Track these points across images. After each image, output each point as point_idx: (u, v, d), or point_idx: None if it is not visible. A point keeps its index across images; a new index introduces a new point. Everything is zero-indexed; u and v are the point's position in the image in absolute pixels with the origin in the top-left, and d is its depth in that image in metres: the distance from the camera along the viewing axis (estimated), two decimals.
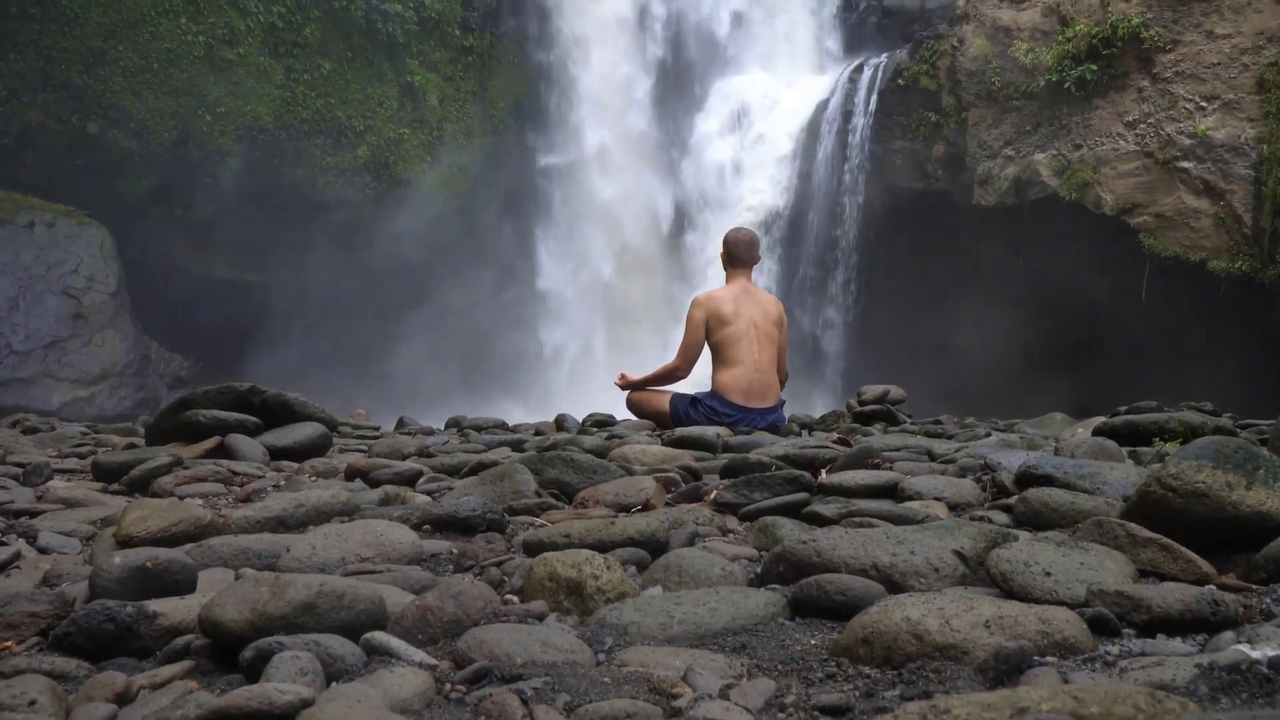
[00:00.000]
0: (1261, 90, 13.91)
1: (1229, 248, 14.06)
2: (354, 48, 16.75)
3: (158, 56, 15.44)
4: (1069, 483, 2.89)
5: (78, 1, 14.83)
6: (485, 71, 18.12)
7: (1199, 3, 14.39)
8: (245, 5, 15.82)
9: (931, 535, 2.13)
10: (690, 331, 6.93)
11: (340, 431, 6.27)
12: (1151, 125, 14.56)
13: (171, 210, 16.17)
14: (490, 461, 3.97)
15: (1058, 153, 15.31)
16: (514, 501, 3.17)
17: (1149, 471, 3.09)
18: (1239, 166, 13.99)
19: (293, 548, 2.34)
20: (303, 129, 16.61)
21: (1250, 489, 2.02)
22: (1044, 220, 15.29)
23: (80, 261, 14.74)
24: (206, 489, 3.71)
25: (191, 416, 4.69)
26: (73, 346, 14.54)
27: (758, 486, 3.13)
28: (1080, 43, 14.91)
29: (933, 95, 16.55)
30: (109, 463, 3.98)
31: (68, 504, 3.42)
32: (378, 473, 3.82)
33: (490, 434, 6.24)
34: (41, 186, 15.10)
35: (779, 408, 6.98)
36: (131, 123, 15.49)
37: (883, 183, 16.90)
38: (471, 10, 17.76)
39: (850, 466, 3.47)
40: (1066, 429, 5.64)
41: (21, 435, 6.30)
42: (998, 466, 3.33)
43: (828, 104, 17.12)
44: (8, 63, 14.69)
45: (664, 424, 6.71)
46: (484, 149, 18.27)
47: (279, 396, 4.97)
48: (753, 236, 7.19)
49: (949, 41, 16.37)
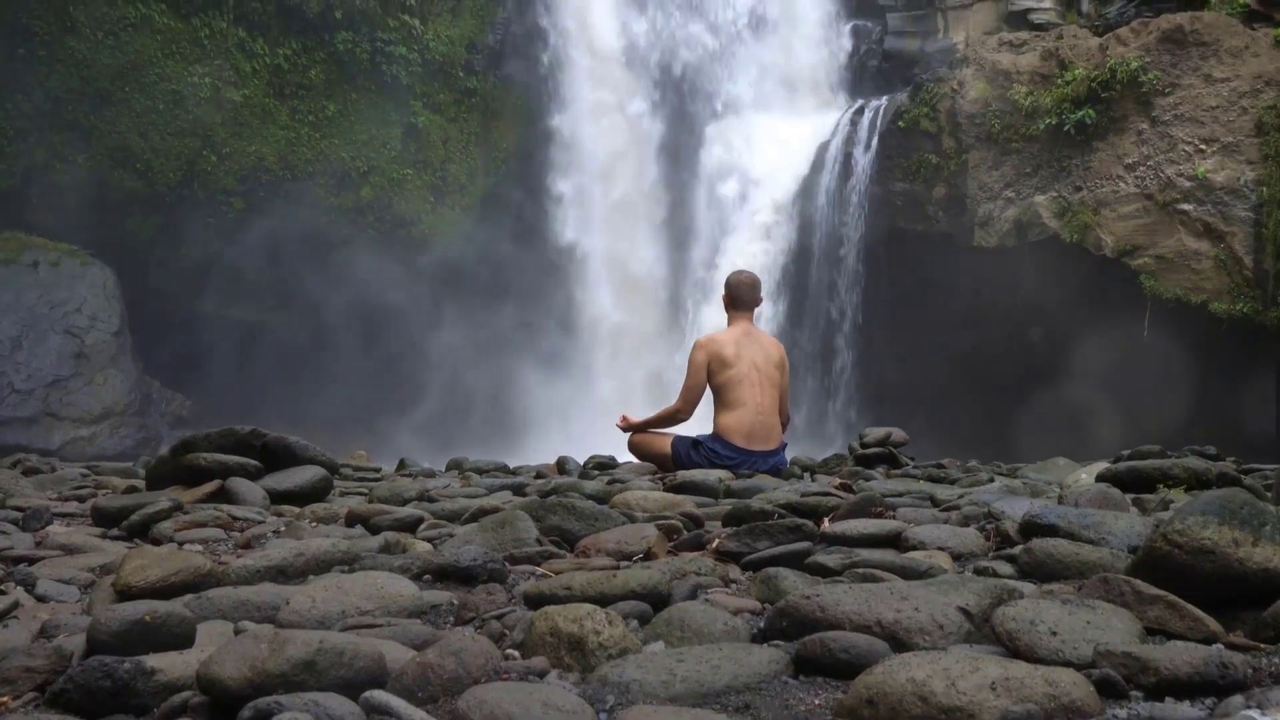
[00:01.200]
0: (1260, 133, 14.00)
1: (1230, 290, 14.09)
2: (358, 89, 16.89)
3: (164, 98, 15.57)
4: (1073, 533, 2.87)
5: (85, 44, 14.97)
6: (488, 114, 18.25)
7: (1196, 47, 14.52)
8: (251, 48, 15.97)
9: (936, 591, 2.12)
10: (692, 374, 6.92)
11: (341, 474, 6.25)
12: (1151, 168, 14.64)
13: (175, 250, 16.24)
14: (491, 507, 3.95)
15: (1058, 195, 15.38)
16: (515, 550, 3.15)
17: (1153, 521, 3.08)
18: (1239, 209, 14.05)
19: (292, 600, 2.33)
20: (306, 170, 16.71)
21: (1257, 545, 2.00)
22: (1045, 262, 15.33)
23: (83, 301, 14.78)
24: (206, 534, 3.69)
25: (193, 459, 4.67)
26: (74, 385, 14.54)
27: (760, 535, 3.11)
28: (1079, 86, 15.02)
29: (933, 137, 16.66)
30: (109, 507, 3.96)
31: (67, 550, 3.40)
32: (378, 519, 3.80)
33: (491, 477, 6.23)
34: (46, 226, 15.17)
35: (781, 450, 6.95)
36: (137, 163, 15.60)
37: (883, 224, 16.96)
38: (475, 54, 17.92)
39: (853, 515, 3.46)
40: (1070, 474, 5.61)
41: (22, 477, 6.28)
42: (1001, 515, 3.31)
43: (828, 146, 17.22)
44: (15, 104, 14.82)
45: (666, 466, 6.68)
46: (487, 190, 18.36)
47: (281, 440, 4.96)
48: (754, 279, 7.19)
49: (949, 84, 16.50)
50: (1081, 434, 13.92)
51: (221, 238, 16.39)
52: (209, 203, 16.22)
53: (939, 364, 16.03)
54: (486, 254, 17.94)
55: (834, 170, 17.00)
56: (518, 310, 18.15)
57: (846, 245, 16.97)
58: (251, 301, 17.08)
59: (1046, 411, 14.92)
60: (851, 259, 16.97)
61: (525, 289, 18.31)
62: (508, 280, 18.06)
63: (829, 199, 16.99)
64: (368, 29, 16.71)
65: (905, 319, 16.82)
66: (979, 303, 15.81)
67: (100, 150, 15.43)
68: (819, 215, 17.02)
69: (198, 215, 16.24)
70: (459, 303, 17.34)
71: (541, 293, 18.53)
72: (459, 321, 17.30)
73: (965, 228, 16.30)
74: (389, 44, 16.87)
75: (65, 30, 14.84)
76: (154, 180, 15.77)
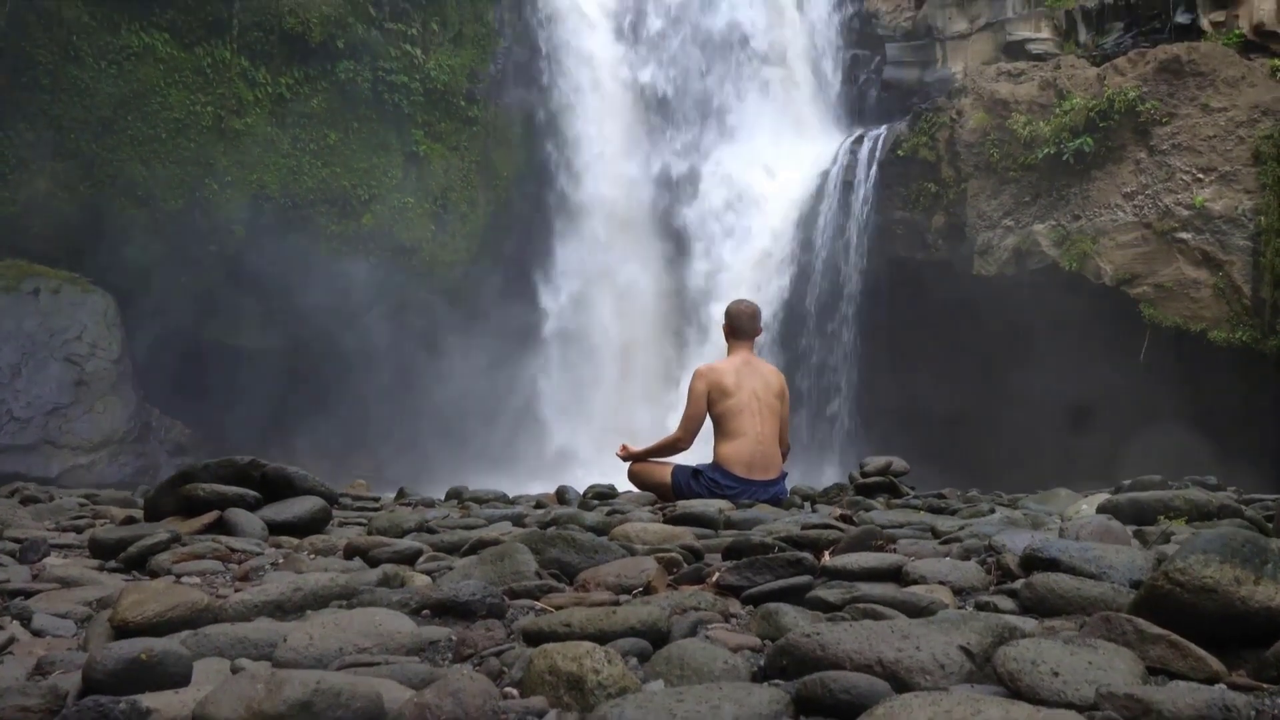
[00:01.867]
0: (1257, 162, 14.05)
1: (1229, 318, 14.10)
2: (360, 118, 16.96)
3: (166, 126, 15.64)
4: (1074, 567, 2.86)
5: (89, 73, 15.05)
6: (490, 141, 18.33)
7: (1194, 77, 14.60)
8: (254, 76, 16.05)
9: (937, 629, 2.11)
10: (692, 403, 6.91)
11: (340, 504, 6.23)
12: (1149, 196, 14.69)
13: (176, 277, 16.25)
14: (490, 539, 3.94)
15: (1057, 223, 15.42)
16: (514, 583, 3.14)
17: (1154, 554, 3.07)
18: (1237, 238, 14.08)
19: (290, 637, 2.32)
20: (308, 197, 16.76)
21: (1259, 584, 1.99)
22: (1044, 290, 15.35)
23: (84, 328, 14.79)
24: (204, 567, 3.67)
25: (191, 490, 4.66)
26: (74, 413, 14.53)
27: (760, 569, 3.10)
28: (1077, 116, 15.10)
29: (932, 166, 16.72)
30: (106, 539, 3.95)
31: (64, 583, 3.39)
32: (376, 551, 3.79)
33: (491, 507, 6.21)
34: (48, 254, 15.20)
35: (781, 480, 6.94)
36: (139, 191, 15.65)
37: (884, 252, 17.01)
38: (476, 82, 18.01)
39: (854, 548, 3.44)
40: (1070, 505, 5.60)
41: (20, 506, 6.27)
42: (1002, 549, 3.30)
43: (828, 174, 17.29)
44: (18, 132, 14.88)
45: (665, 496, 6.67)
46: (487, 218, 18.42)
47: (280, 471, 4.95)
48: (754, 309, 7.20)
49: (948, 114, 16.58)
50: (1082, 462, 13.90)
51: (223, 265, 16.42)
52: (210, 230, 16.26)
53: (939, 392, 16.03)
54: (488, 281, 17.97)
55: (834, 199, 17.07)
56: (518, 337, 18.15)
57: (846, 273, 17.01)
58: (252, 329, 17.08)
59: (1047, 440, 14.91)
60: (851, 287, 17.01)
61: (526, 316, 18.32)
62: (508, 307, 18.08)
63: (829, 227, 17.04)
64: (369, 58, 16.80)
65: (905, 346, 16.83)
66: (979, 330, 15.82)
67: (102, 178, 15.48)
68: (819, 243, 17.06)
69: (199, 243, 16.27)
70: (460, 330, 17.36)
71: (542, 319, 18.55)
72: (460, 349, 17.31)
73: (965, 256, 16.34)
74: (390, 73, 16.97)
75: (68, 59, 14.92)
76: (155, 208, 15.81)
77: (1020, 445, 15.10)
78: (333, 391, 16.93)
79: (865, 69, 18.77)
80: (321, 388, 16.86)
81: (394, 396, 17.28)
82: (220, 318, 16.84)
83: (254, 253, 16.28)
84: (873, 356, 16.99)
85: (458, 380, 17.14)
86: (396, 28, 17.07)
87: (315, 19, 16.27)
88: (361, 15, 16.68)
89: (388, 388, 17.32)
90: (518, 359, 18.20)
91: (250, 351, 17.03)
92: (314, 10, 16.26)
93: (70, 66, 14.94)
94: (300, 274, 16.32)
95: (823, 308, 17.14)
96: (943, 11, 17.67)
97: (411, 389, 17.12)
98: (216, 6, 15.69)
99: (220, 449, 15.98)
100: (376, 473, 15.85)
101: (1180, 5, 15.59)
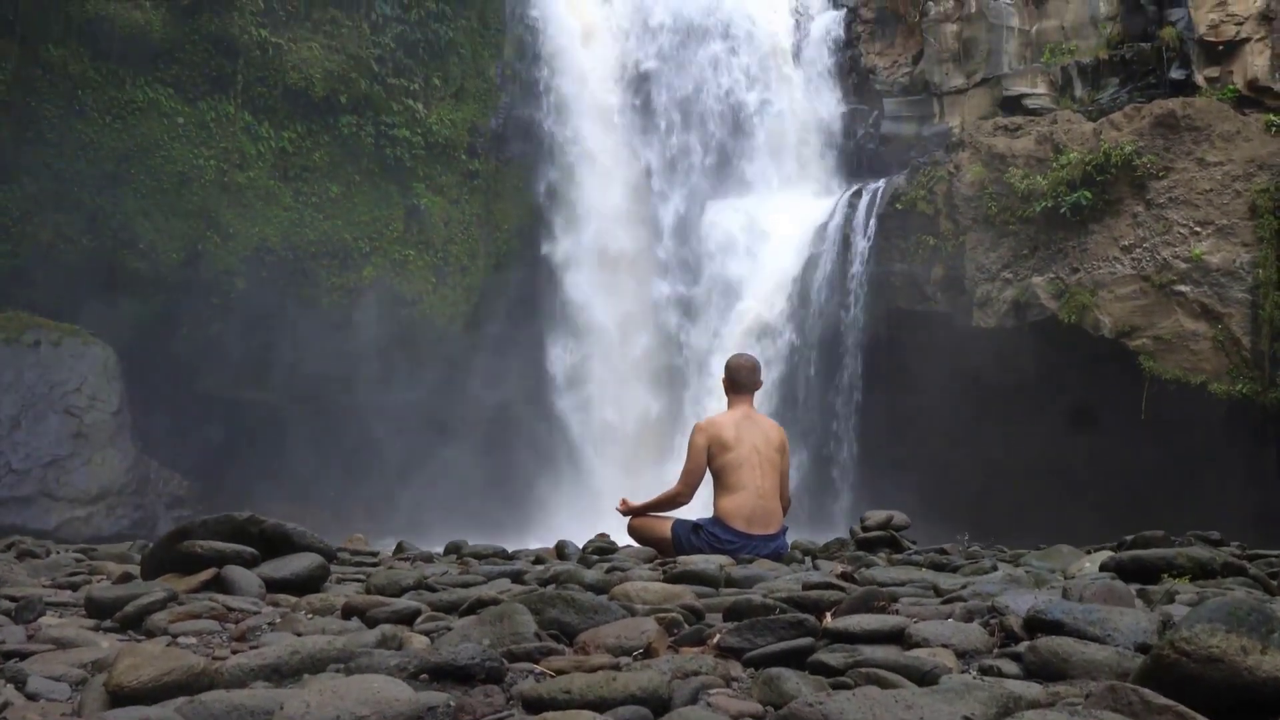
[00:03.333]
0: (1254, 216, 14.15)
1: (1229, 370, 14.12)
2: (362, 171, 17.10)
3: (170, 179, 15.76)
4: (1079, 629, 2.84)
5: (93, 127, 15.19)
6: (490, 195, 18.46)
7: (1189, 131, 14.74)
8: (257, 131, 16.20)
9: (942, 699, 2.09)
10: (692, 457, 6.90)
11: (339, 559, 6.19)
12: (1147, 249, 14.77)
13: (177, 329, 16.29)
14: (489, 599, 3.91)
15: (1055, 276, 15.48)
16: (513, 645, 3.11)
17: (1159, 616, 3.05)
18: (1235, 290, 14.14)
19: (286, 704, 2.29)
20: (309, 250, 16.84)
21: (1265, 653, 1.98)
22: (1044, 342, 15.37)
23: (84, 380, 14.79)
24: (201, 626, 3.64)
25: (189, 547, 4.63)
26: (72, 465, 14.49)
27: (762, 631, 3.07)
28: (1074, 169, 15.22)
29: (930, 219, 16.82)
30: (102, 598, 3.92)
31: (59, 644, 3.35)
32: (375, 611, 3.75)
33: (490, 563, 6.17)
34: (49, 306, 15.24)
35: (782, 534, 6.91)
36: (141, 244, 15.73)
37: (883, 304, 17.05)
38: (477, 137, 18.17)
39: (856, 609, 3.41)
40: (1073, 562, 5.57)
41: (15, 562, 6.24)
42: (1005, 610, 3.27)
43: (827, 227, 17.39)
44: (22, 185, 14.99)
45: (666, 551, 6.63)
46: (488, 271, 18.50)
47: (278, 527, 4.92)
48: (754, 362, 7.21)
49: (945, 167, 16.71)
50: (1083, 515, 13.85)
51: (223, 317, 16.46)
52: (212, 282, 16.32)
53: (939, 443, 16.00)
54: (487, 334, 18.01)
55: (833, 251, 17.16)
56: (519, 389, 18.15)
57: (846, 325, 17.05)
58: (252, 381, 17.08)
59: (1048, 492, 14.87)
60: (851, 339, 17.04)
61: (525, 368, 18.33)
62: (508, 359, 18.10)
63: (828, 279, 17.11)
64: (372, 113, 16.98)
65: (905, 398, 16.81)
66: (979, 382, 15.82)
67: (105, 231, 15.56)
68: (818, 295, 17.12)
69: (200, 295, 16.33)
70: (461, 382, 17.36)
71: (542, 371, 18.56)
72: (461, 401, 17.30)
73: (964, 308, 16.39)
74: (393, 127, 17.13)
75: (73, 114, 15.06)
76: (157, 260, 15.88)
77: (1021, 497, 15.04)
78: (332, 443, 16.89)
79: (863, 123, 18.95)
80: (320, 440, 16.82)
81: (393, 448, 17.23)
82: (220, 370, 16.84)
83: (255, 305, 16.34)
84: (872, 408, 16.97)
85: (460, 432, 17.11)
86: (399, 83, 17.26)
87: (319, 75, 16.46)
88: (365, 71, 16.88)
89: (388, 439, 17.28)
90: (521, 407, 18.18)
91: (250, 403, 17.02)
92: (317, 66, 16.45)
93: (75, 120, 15.08)
94: (301, 326, 16.37)
95: (821, 359, 17.15)
96: (940, 67, 17.88)
97: (410, 441, 17.07)
98: (221, 62, 15.88)
99: (218, 501, 15.94)
100: (377, 524, 15.78)
101: (1175, 61, 15.78)
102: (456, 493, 16.93)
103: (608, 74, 19.45)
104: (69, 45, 14.89)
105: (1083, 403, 14.95)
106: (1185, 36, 15.67)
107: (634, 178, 19.18)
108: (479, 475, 17.43)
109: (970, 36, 17.66)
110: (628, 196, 19.01)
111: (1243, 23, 15.38)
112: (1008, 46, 17.32)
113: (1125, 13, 16.54)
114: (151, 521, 15.03)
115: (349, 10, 16.88)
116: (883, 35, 19.10)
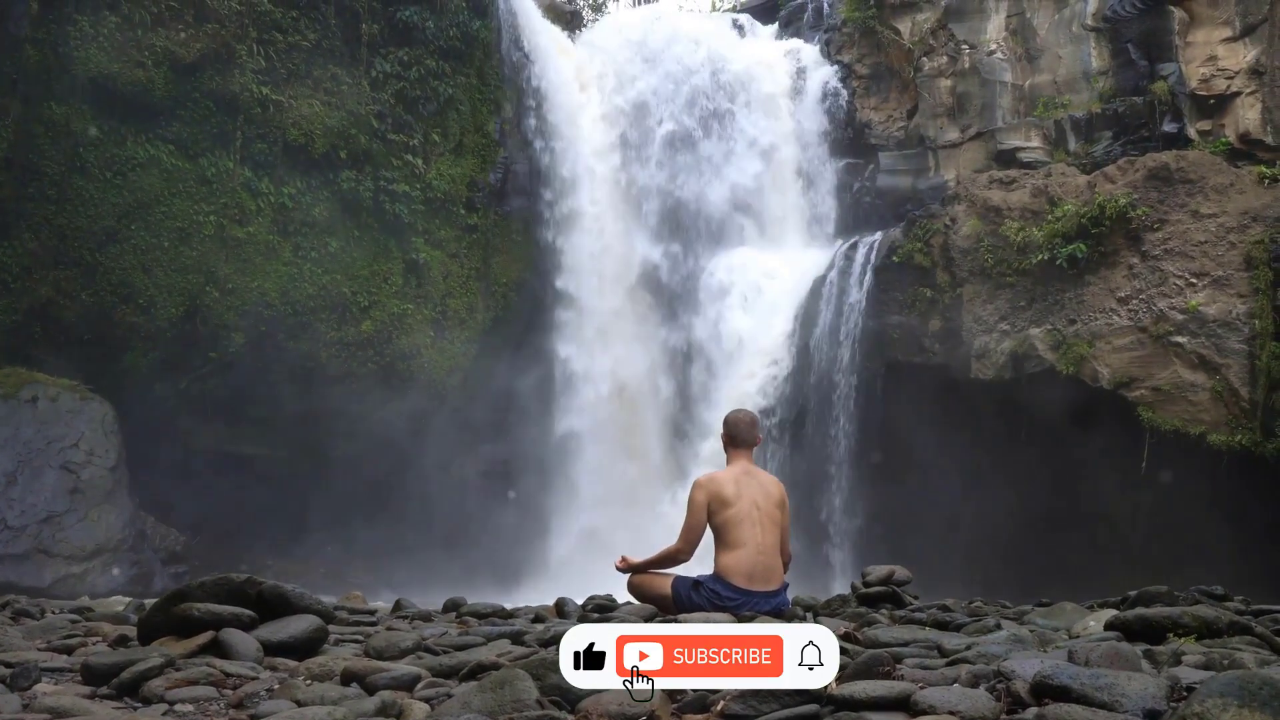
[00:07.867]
0: (1249, 267, 14.22)
1: (1228, 421, 14.11)
2: (361, 226, 17.18)
3: (169, 235, 15.81)
4: (1086, 695, 2.83)
5: (94, 183, 15.28)
6: (489, 249, 18.54)
7: (1183, 184, 14.86)
8: (257, 187, 16.30)
9: None
10: (692, 513, 6.85)
11: (337, 618, 6.14)
12: (1144, 301, 14.82)
13: (175, 384, 16.26)
14: (490, 663, 3.87)
15: (1053, 327, 15.53)
16: (515, 713, 3.08)
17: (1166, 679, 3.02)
18: (1232, 341, 14.18)
19: None
20: (308, 304, 16.86)
21: None
22: (1042, 393, 15.37)
23: (81, 436, 14.73)
24: (198, 693, 3.60)
25: (185, 610, 4.59)
26: (68, 521, 14.39)
27: (766, 698, 3.04)
28: (1070, 222, 15.32)
29: (927, 272, 16.89)
30: (98, 665, 3.88)
31: (55, 714, 3.31)
32: (374, 677, 3.72)
33: (489, 623, 6.12)
34: (48, 361, 15.22)
35: (783, 590, 6.85)
36: (140, 299, 15.74)
37: (880, 356, 17.08)
38: (476, 191, 18.29)
39: (860, 675, 3.38)
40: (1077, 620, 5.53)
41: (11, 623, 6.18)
42: (1012, 675, 3.24)
43: (824, 280, 17.47)
44: (22, 242, 15.04)
45: (666, 608, 6.57)
46: (487, 324, 18.53)
47: (276, 589, 4.88)
48: (753, 417, 7.19)
49: (942, 220, 16.82)
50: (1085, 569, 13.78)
51: (221, 372, 16.45)
52: (210, 337, 16.32)
53: (939, 496, 15.93)
54: (486, 387, 17.99)
55: (830, 304, 17.22)
56: (518, 442, 18.10)
57: (843, 377, 17.05)
58: (250, 436, 17.04)
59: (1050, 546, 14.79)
60: (848, 391, 17.03)
61: (526, 421, 18.30)
62: (507, 412, 18.07)
63: (825, 332, 17.15)
64: (371, 168, 17.10)
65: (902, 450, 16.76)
66: (977, 434, 15.81)
67: (104, 286, 15.58)
68: (815, 348, 17.16)
69: (198, 349, 16.33)
70: (459, 436, 17.31)
71: (542, 424, 18.52)
72: (458, 455, 17.25)
73: (962, 360, 16.41)
74: (392, 182, 17.24)
75: (74, 170, 15.15)
76: (156, 315, 15.88)
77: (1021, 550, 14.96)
78: (330, 498, 16.80)
79: (859, 176, 19.10)
80: (319, 494, 16.73)
81: (393, 502, 17.14)
82: (218, 425, 16.80)
83: (253, 359, 16.33)
84: (870, 459, 16.92)
85: (457, 487, 17.04)
86: (399, 139, 17.40)
87: (319, 131, 16.60)
88: (364, 127, 17.02)
89: (386, 495, 17.19)
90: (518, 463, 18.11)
91: (247, 458, 16.95)
92: (317, 123, 16.59)
93: (76, 177, 15.17)
94: (299, 381, 16.35)
95: (819, 411, 17.14)
96: (934, 121, 18.07)
97: (410, 495, 16.99)
98: (221, 119, 16.01)
99: (215, 556, 15.83)
100: (375, 580, 15.66)
101: (1167, 114, 15.94)
102: (456, 546, 16.80)
103: (606, 129, 19.63)
104: (71, 103, 15.00)
105: (1082, 454, 14.92)
106: (1177, 90, 15.85)
107: (633, 231, 19.29)
108: (481, 529, 17.33)
109: (964, 91, 17.87)
110: (626, 250, 19.10)
111: (1233, 77, 15.58)
112: (1001, 101, 17.51)
113: (1117, 67, 16.73)
114: (148, 578, 14.90)
115: (349, 68, 17.06)
116: (878, 90, 19.32)
